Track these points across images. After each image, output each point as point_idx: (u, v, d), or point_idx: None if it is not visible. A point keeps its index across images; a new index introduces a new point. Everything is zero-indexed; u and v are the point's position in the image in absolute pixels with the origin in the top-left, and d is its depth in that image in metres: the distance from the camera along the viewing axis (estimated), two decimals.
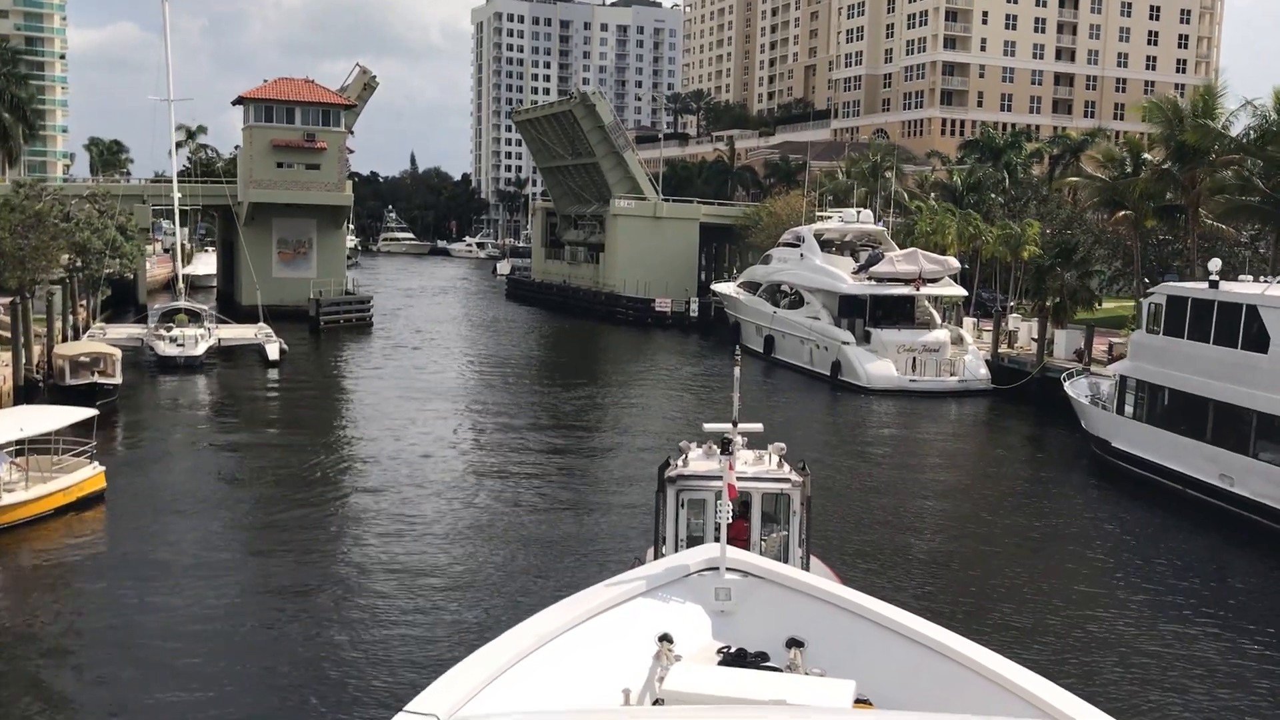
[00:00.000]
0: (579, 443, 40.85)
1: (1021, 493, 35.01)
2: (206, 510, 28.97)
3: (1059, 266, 52.99)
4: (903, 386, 51.48)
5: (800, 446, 35.88)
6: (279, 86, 76.80)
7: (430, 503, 30.50)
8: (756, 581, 9.92)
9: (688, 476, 16.31)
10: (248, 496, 31.06)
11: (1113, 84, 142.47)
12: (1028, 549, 28.62)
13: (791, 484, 16.46)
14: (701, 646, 9.44)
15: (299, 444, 38.32)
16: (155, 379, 51.06)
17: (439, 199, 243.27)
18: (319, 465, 35.06)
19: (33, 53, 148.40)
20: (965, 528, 30.32)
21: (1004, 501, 33.62)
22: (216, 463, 35.29)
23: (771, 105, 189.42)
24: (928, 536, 29.21)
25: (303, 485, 32.34)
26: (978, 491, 35.09)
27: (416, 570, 24.73)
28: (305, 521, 28.50)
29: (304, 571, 24.66)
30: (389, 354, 63.71)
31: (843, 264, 58.83)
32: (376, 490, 31.77)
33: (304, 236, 79.12)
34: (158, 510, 28.77)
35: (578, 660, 8.59)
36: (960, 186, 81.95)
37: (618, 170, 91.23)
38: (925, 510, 32.15)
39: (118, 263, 60.95)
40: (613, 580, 9.86)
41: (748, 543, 15.82)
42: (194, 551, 25.36)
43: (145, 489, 31.09)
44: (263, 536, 27.37)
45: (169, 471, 33.92)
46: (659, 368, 62.61)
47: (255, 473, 33.92)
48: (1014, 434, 46.32)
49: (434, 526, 28.26)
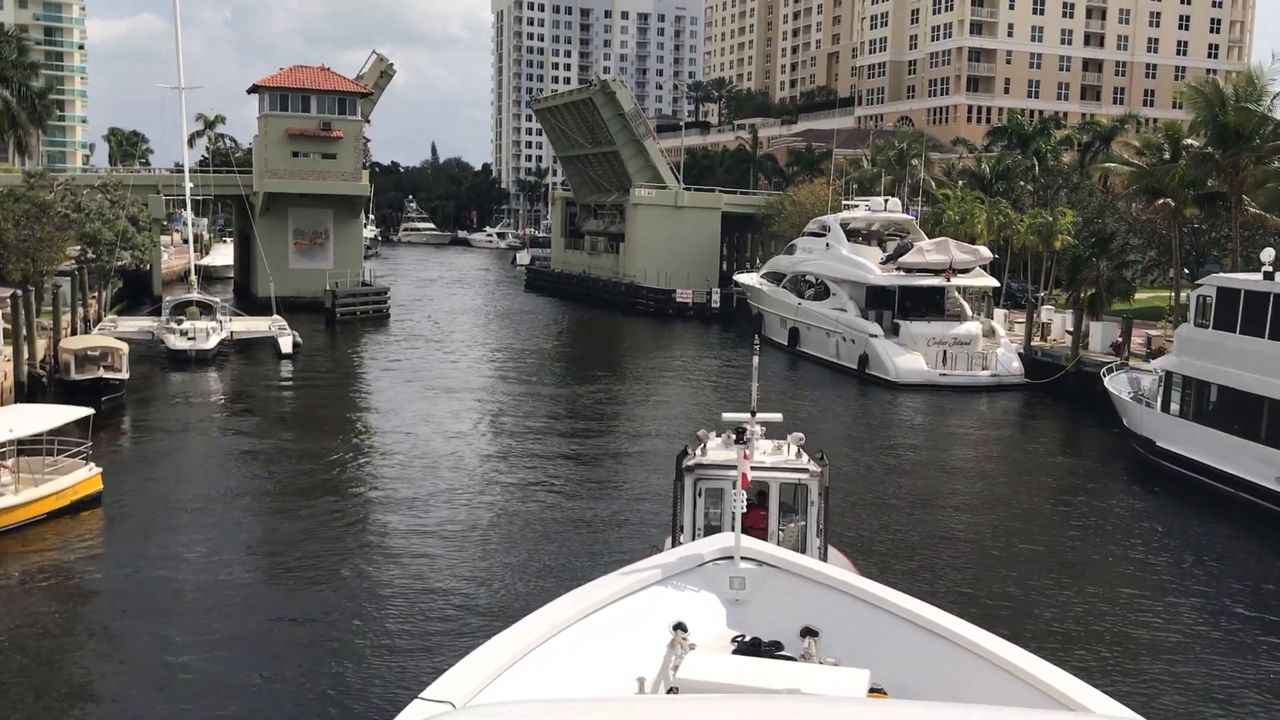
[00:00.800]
0: (598, 439, 39.44)
1: (1060, 492, 33.38)
2: (209, 514, 27.68)
3: (1094, 256, 51.19)
4: (933, 381, 49.80)
5: (826, 442, 37.02)
6: (294, 74, 75.53)
7: (444, 501, 29.19)
8: (771, 570, 9.89)
9: (706, 465, 16.23)
10: (254, 500, 29.77)
11: (1142, 70, 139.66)
12: (1068, 552, 27.09)
13: (810, 474, 16.35)
14: (716, 635, 9.44)
15: (309, 442, 37.07)
16: (166, 373, 49.93)
17: (459, 189, 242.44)
18: (329, 464, 33.79)
19: (51, 43, 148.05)
20: (1001, 529, 28.79)
21: (1042, 502, 32.03)
22: (222, 463, 34.03)
23: (794, 93, 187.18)
24: (962, 538, 27.73)
25: (312, 485, 31.06)
26: (1013, 492, 33.49)
27: (431, 562, 23.96)
28: (314, 521, 27.22)
29: (313, 567, 23.48)
30: (406, 346, 62.45)
31: (870, 254, 57.15)
32: (388, 490, 30.46)
33: (320, 227, 77.94)
34: (157, 515, 27.46)
35: (592, 648, 8.63)
36: (989, 174, 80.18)
37: (638, 159, 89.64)
38: (959, 510, 30.62)
39: (129, 254, 59.88)
40: (627, 569, 9.85)
41: (766, 532, 15.83)
42: (193, 558, 24.07)
43: (145, 491, 29.80)
44: (269, 540, 26.10)
45: (172, 472, 32.65)
46: (680, 360, 61.14)
47: (263, 474, 32.67)
48: (1050, 431, 44.64)
49: (449, 525, 27.06)
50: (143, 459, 34.12)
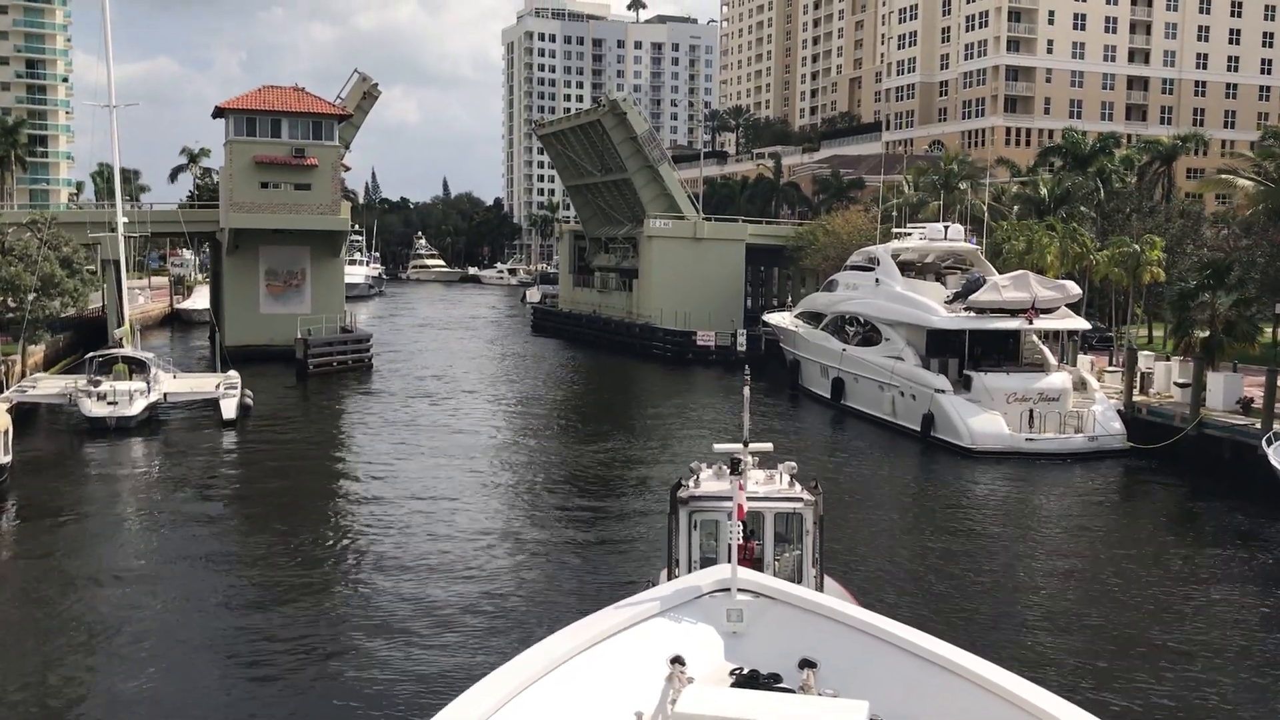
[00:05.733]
0: (603, 522, 30.17)
1: (1207, 604, 24.06)
2: (70, 658, 18.69)
3: (1208, 291, 42.04)
4: (1017, 447, 40.47)
5: (889, 535, 30.74)
6: (263, 95, 67.03)
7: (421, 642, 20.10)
8: (768, 602, 9.92)
9: (700, 497, 15.95)
10: (134, 641, 20.75)
11: (1191, 87, 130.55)
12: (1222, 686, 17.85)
13: (804, 503, 16.19)
14: (714, 668, 9.49)
15: (233, 549, 28.06)
16: (80, 446, 41.05)
17: (470, 224, 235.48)
18: (254, 584, 24.78)
19: (34, 76, 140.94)
20: (1129, 653, 19.73)
21: (1183, 618, 22.71)
22: (101, 585, 24.93)
23: (814, 120, 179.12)
24: (1075, 660, 18.63)
25: (224, 618, 21.96)
26: (1144, 599, 24.15)
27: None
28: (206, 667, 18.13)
29: None
30: (384, 404, 53.46)
31: (930, 291, 47.99)
32: (330, 632, 21.36)
33: (295, 266, 69.23)
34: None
35: (590, 683, 8.72)
36: (1046, 198, 71.22)
37: (652, 186, 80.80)
38: (1072, 626, 21.54)
39: (58, 302, 51.25)
40: (624, 602, 9.92)
41: (761, 563, 15.81)
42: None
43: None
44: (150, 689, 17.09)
45: (31, 601, 23.67)
46: (701, 414, 51.87)
47: (156, 599, 23.63)
48: (1178, 514, 35.09)
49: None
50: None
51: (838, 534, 30.51)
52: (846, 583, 19.39)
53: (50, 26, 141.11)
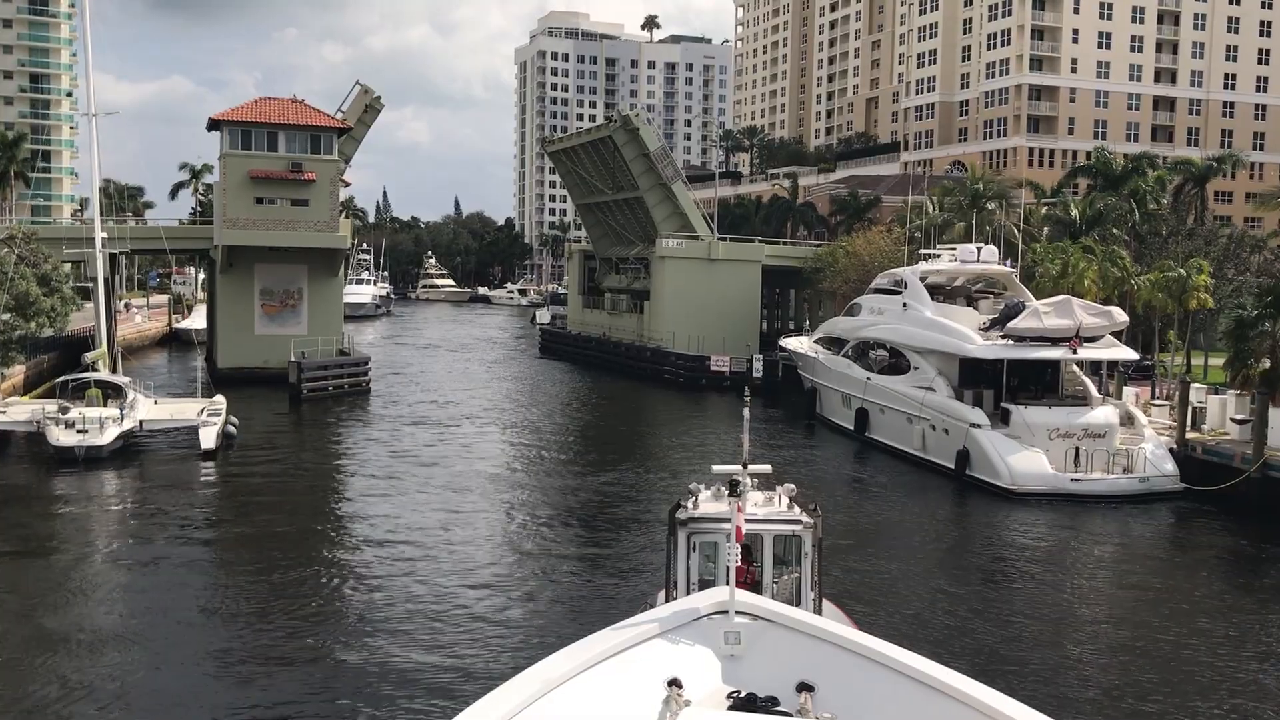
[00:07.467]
0: (607, 557, 26.90)
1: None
2: None
3: (1269, 320, 38.70)
4: (1062, 488, 37.04)
5: (922, 578, 29.01)
6: (259, 107, 64.23)
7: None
8: (766, 625, 9.85)
9: (698, 519, 15.81)
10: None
11: (1219, 108, 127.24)
12: None
13: (803, 525, 16.05)
14: (711, 691, 9.39)
15: (193, 598, 24.88)
16: (47, 478, 37.94)
17: (481, 244, 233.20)
18: (223, 640, 21.58)
19: (37, 90, 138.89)
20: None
21: (1252, 691, 19.33)
22: (57, 644, 21.75)
23: (830, 140, 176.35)
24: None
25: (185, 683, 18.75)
26: (1204, 666, 20.78)
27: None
28: None
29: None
30: (381, 430, 50.33)
31: (962, 316, 44.69)
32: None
33: (292, 286, 66.27)
34: None
35: (587, 705, 8.68)
36: (1077, 220, 68.04)
37: (665, 205, 77.74)
38: (1123, 697, 18.10)
39: (34, 323, 48.27)
40: (622, 624, 9.78)
41: (758, 585, 15.67)
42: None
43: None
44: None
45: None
46: (714, 443, 48.53)
47: (111, 659, 20.44)
48: (1243, 566, 31.59)
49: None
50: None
51: (865, 581, 27.30)
52: (847, 607, 19.38)
53: (55, 40, 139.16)
